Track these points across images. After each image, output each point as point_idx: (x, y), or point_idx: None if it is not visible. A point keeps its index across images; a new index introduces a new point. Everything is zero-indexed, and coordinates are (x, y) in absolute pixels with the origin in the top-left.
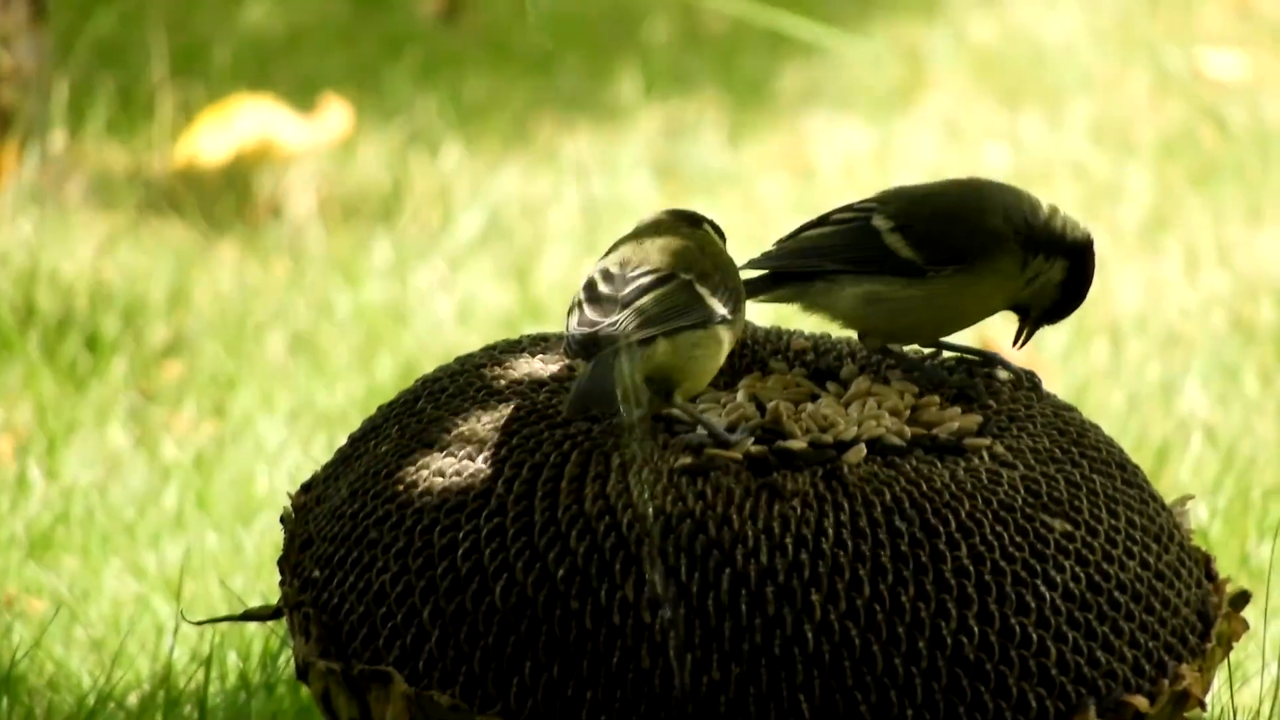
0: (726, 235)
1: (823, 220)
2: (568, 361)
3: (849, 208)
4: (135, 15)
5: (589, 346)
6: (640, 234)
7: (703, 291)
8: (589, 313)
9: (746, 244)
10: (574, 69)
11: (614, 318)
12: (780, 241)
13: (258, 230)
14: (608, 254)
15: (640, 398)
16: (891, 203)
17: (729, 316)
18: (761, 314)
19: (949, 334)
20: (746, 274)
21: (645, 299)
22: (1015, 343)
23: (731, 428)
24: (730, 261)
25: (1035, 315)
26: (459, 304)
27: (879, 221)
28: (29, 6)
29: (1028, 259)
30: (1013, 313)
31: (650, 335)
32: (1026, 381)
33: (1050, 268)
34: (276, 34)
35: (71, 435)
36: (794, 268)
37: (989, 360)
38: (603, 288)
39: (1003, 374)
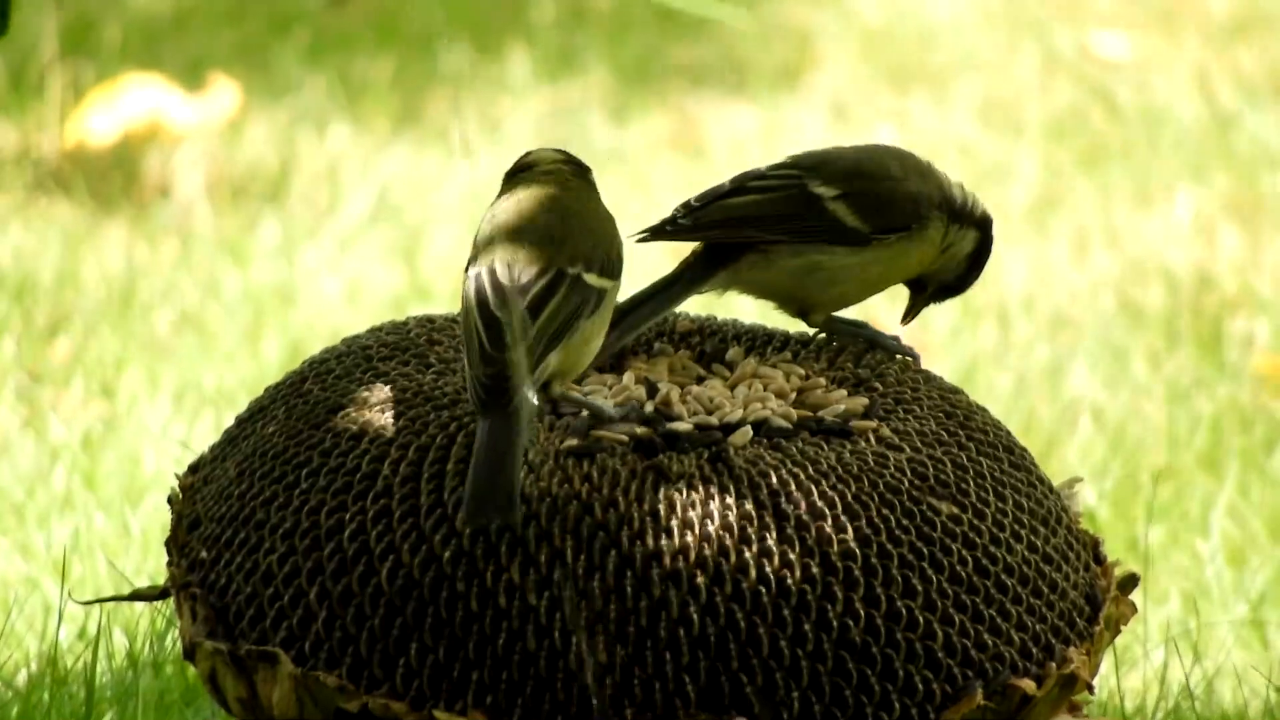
0: (613, 215)
1: (740, 189)
2: (456, 342)
3: (762, 175)
4: None
5: (495, 394)
6: (510, 208)
7: (589, 279)
8: (489, 347)
9: (633, 223)
10: (462, 49)
11: (516, 359)
12: (691, 210)
13: (146, 210)
14: (486, 244)
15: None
16: (821, 168)
17: (609, 287)
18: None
19: (862, 301)
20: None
21: (540, 318)
22: (905, 318)
23: (618, 410)
24: (606, 218)
25: (932, 289)
26: (347, 284)
27: (819, 188)
28: None
29: (949, 228)
30: (905, 287)
31: (548, 360)
32: (909, 357)
33: (963, 238)
34: (165, 13)
35: None
36: (728, 238)
37: (870, 336)
38: (495, 307)
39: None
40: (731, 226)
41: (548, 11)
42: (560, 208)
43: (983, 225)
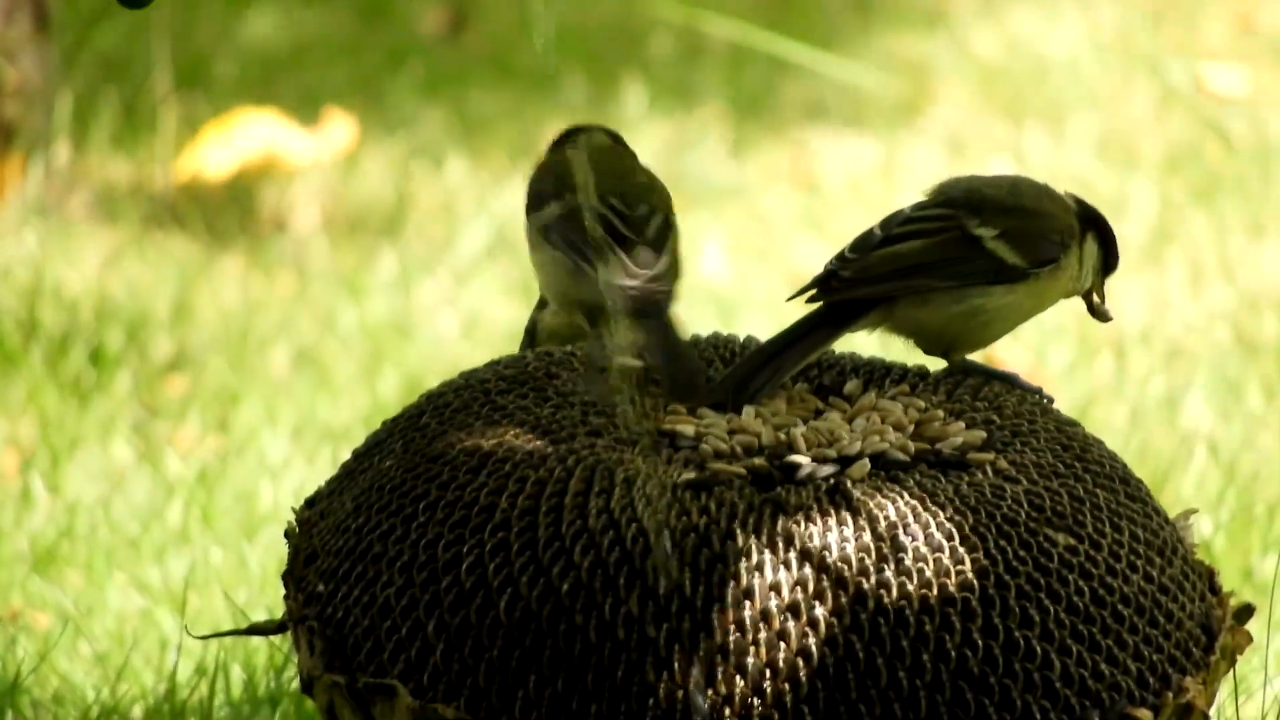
0: (731, 246)
1: (893, 236)
2: (575, 369)
3: (910, 218)
4: (139, 29)
5: (648, 303)
6: (590, 159)
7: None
8: (630, 261)
9: (752, 259)
10: (578, 83)
11: (657, 270)
12: (848, 262)
13: (261, 244)
14: (570, 184)
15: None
16: (973, 206)
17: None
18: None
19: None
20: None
21: (666, 250)
22: (1098, 313)
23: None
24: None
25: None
26: (464, 319)
27: (979, 229)
28: (33, 20)
29: (1083, 249)
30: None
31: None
32: (1043, 398)
33: (1089, 253)
34: (280, 47)
35: (75, 450)
36: (897, 291)
37: (1007, 379)
38: (623, 229)
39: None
40: (899, 278)
41: (665, 45)
42: (635, 164)
43: (1094, 222)
